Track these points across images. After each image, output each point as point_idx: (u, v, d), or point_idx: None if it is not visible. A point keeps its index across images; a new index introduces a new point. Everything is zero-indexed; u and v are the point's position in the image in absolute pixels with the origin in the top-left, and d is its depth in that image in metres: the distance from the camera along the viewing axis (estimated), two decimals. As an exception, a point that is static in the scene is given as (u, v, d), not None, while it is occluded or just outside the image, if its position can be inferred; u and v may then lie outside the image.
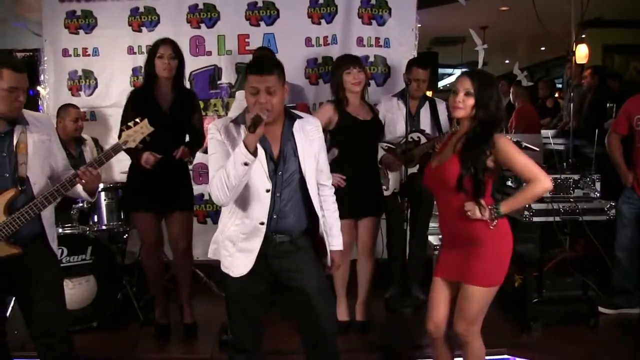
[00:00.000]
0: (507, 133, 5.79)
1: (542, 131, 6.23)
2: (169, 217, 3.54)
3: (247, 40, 4.58)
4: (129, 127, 2.59)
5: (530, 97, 7.15)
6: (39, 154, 2.53)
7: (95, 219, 3.86)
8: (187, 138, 3.53)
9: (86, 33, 4.66)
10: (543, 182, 2.39)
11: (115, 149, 2.58)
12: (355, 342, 3.47)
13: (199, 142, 3.54)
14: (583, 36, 6.83)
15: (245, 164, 2.14)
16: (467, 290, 2.48)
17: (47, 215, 2.56)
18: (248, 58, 4.45)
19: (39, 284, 2.54)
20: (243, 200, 2.31)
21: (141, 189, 3.45)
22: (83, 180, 2.47)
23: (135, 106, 3.33)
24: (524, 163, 2.40)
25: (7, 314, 2.86)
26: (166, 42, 3.46)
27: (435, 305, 2.61)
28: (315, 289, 2.40)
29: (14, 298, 2.81)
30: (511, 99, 7.16)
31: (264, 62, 2.38)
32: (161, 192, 3.40)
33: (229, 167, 2.18)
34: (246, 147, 2.14)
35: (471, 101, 2.41)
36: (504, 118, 2.62)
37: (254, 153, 2.16)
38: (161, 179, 3.38)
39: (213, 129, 2.34)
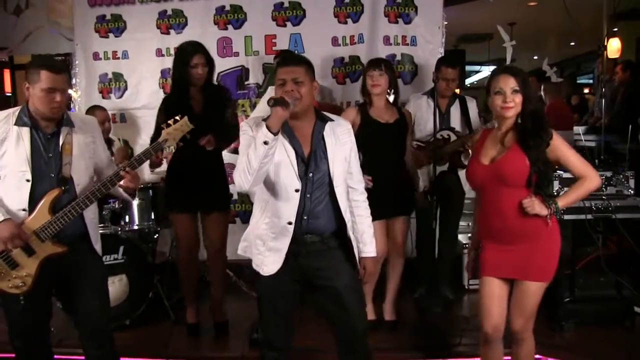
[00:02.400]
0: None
1: (574, 127, 6.12)
2: (205, 218, 3.57)
3: (274, 40, 4.61)
4: (168, 125, 2.59)
5: (560, 92, 7.01)
6: (84, 156, 2.59)
7: (127, 219, 3.92)
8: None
9: (116, 36, 4.75)
10: (595, 179, 2.47)
11: (155, 148, 2.60)
12: (384, 341, 3.46)
13: (230, 137, 3.47)
14: (615, 29, 6.68)
15: (265, 142, 2.15)
16: (526, 286, 2.47)
17: (91, 216, 2.62)
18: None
19: (84, 282, 2.60)
20: (273, 200, 2.33)
21: (178, 190, 3.50)
22: (123, 182, 2.51)
23: (169, 112, 3.22)
24: (576, 159, 2.46)
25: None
26: (197, 50, 3.42)
27: (491, 305, 2.52)
28: (347, 287, 2.41)
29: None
30: (542, 96, 7.05)
31: (292, 56, 2.41)
32: (198, 193, 3.44)
33: (251, 150, 2.20)
34: (268, 128, 2.16)
35: (519, 98, 2.38)
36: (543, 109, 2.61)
37: (275, 133, 2.17)
38: (198, 179, 3.43)
39: (245, 126, 2.38)
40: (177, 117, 2.61)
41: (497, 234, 2.51)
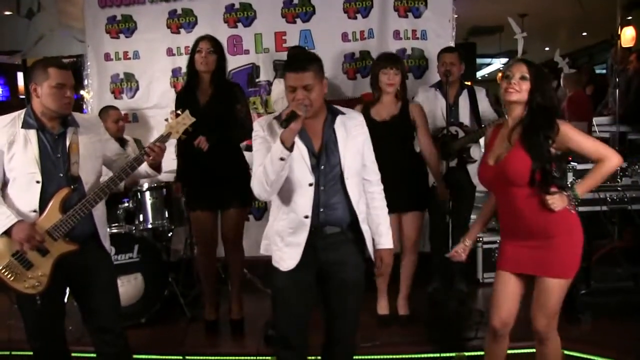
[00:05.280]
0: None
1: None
2: (222, 214, 3.58)
3: (284, 37, 4.62)
4: (171, 119, 2.63)
5: (580, 82, 6.90)
6: (90, 155, 2.61)
7: (141, 218, 3.94)
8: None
9: (127, 37, 4.79)
10: (613, 159, 2.35)
11: (160, 141, 2.61)
12: (399, 336, 3.47)
13: (241, 132, 3.46)
14: (629, 18, 6.58)
15: (282, 158, 2.18)
16: (547, 283, 2.41)
17: (99, 214, 2.64)
18: (285, 55, 4.48)
19: (94, 282, 2.63)
20: (288, 195, 2.35)
21: (195, 187, 3.53)
22: (150, 157, 2.53)
23: (179, 103, 3.41)
24: (591, 145, 2.38)
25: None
26: (205, 37, 3.53)
27: (503, 300, 2.50)
28: (354, 283, 2.46)
29: (67, 295, 2.91)
30: (562, 86, 6.96)
31: (301, 59, 2.36)
32: (216, 190, 3.46)
33: (267, 162, 2.23)
34: (282, 142, 2.18)
35: (527, 85, 2.33)
36: (559, 105, 2.56)
37: (290, 148, 2.19)
38: (216, 175, 3.45)
39: (257, 127, 2.40)
40: (179, 111, 2.64)
41: (515, 231, 2.47)
